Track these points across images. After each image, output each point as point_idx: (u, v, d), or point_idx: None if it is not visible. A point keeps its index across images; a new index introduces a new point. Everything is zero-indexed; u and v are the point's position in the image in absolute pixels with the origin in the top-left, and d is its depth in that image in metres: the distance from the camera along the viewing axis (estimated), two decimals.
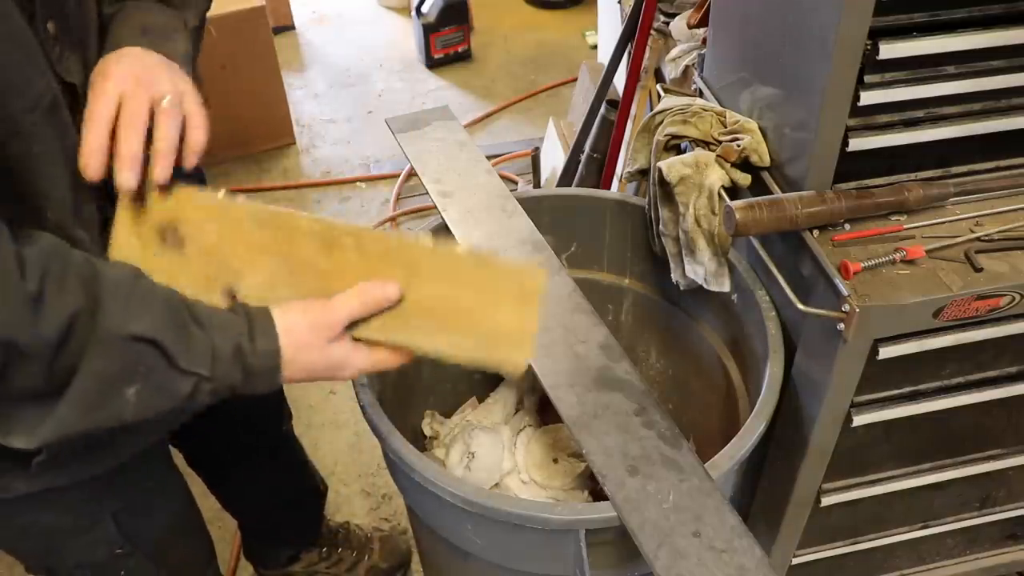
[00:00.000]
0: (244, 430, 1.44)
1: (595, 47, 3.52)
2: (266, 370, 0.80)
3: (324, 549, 1.82)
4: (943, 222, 1.16)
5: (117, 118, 0.79)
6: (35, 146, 0.74)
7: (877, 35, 1.02)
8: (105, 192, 0.82)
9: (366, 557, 1.84)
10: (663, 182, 1.26)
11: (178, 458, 1.33)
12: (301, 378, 0.84)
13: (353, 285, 0.86)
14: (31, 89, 0.73)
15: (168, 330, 0.72)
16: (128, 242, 0.82)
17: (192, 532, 1.28)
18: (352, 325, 0.86)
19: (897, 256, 1.09)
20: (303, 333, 0.81)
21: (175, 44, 0.91)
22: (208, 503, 1.51)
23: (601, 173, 2.33)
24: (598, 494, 1.44)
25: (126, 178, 0.79)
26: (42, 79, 0.75)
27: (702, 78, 1.43)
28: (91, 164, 0.79)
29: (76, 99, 0.80)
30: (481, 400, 1.71)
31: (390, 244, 0.89)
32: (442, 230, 1.42)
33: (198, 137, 0.85)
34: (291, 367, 0.81)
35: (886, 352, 1.13)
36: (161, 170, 0.81)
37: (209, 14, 1.04)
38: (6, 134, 0.71)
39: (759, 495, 1.47)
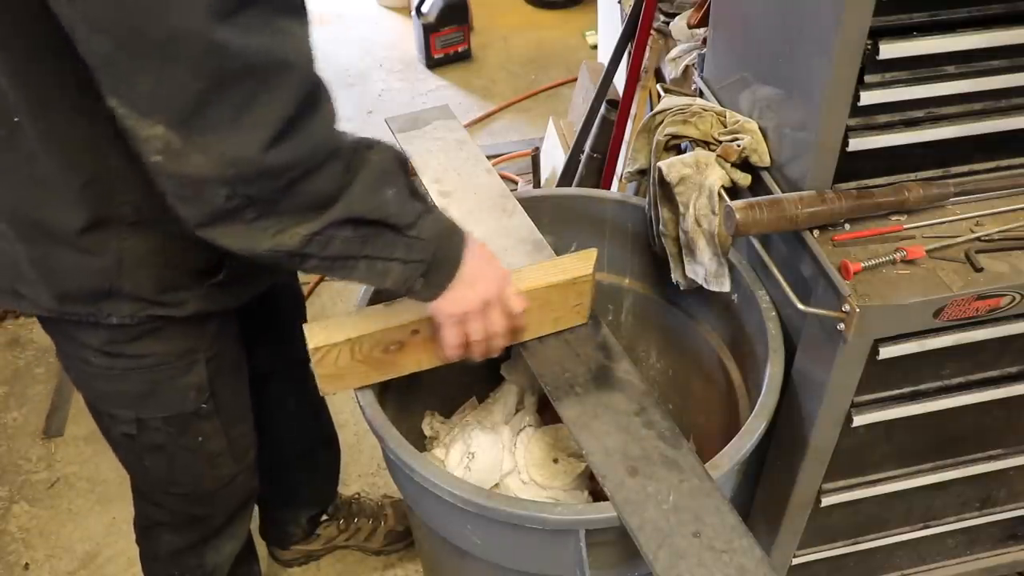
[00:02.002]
0: (271, 347, 1.48)
1: (595, 47, 3.52)
2: (456, 245, 1.02)
3: (341, 521, 1.86)
4: (943, 222, 1.16)
5: None
6: None
7: (877, 35, 1.02)
8: None
9: (382, 523, 1.89)
10: (663, 182, 1.26)
11: None
12: (460, 297, 1.04)
13: None
14: None
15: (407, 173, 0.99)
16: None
17: (250, 420, 1.37)
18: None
19: (897, 256, 1.09)
20: (480, 252, 1.05)
21: None
22: None
23: (601, 173, 2.33)
24: (598, 494, 1.44)
25: None
26: None
27: (702, 78, 1.43)
28: None
29: None
30: (481, 400, 1.71)
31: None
32: None
33: None
34: (463, 275, 1.02)
35: (886, 352, 1.13)
36: None
37: None
38: None
39: (759, 495, 1.47)
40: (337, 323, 1.15)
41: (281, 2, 0.82)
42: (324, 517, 1.85)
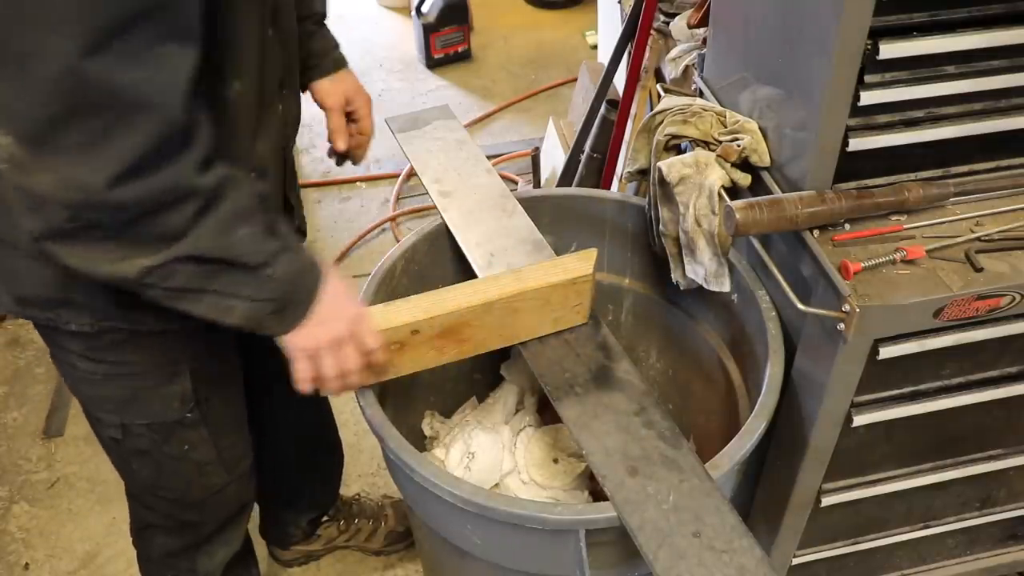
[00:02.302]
0: (274, 350, 1.45)
1: (595, 47, 3.52)
2: (312, 282, 1.00)
3: (342, 522, 1.86)
4: (943, 222, 1.16)
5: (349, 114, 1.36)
6: (239, 16, 0.96)
7: (877, 35, 1.02)
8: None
9: (382, 524, 1.88)
10: (663, 182, 1.26)
11: None
12: (311, 333, 1.02)
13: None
14: None
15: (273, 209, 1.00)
16: None
17: (244, 431, 1.36)
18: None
19: (897, 256, 1.09)
20: (336, 291, 1.03)
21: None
22: None
23: (601, 173, 2.33)
24: (598, 494, 1.44)
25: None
26: None
27: (702, 78, 1.43)
28: (339, 141, 1.36)
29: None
30: (481, 400, 1.71)
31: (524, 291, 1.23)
32: (442, 231, 1.42)
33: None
34: (317, 313, 1.01)
35: (886, 352, 1.13)
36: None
37: None
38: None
39: (759, 495, 1.47)
40: None
41: (168, 27, 0.79)
42: (325, 518, 1.85)
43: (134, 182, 0.82)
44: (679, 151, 1.31)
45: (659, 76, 2.09)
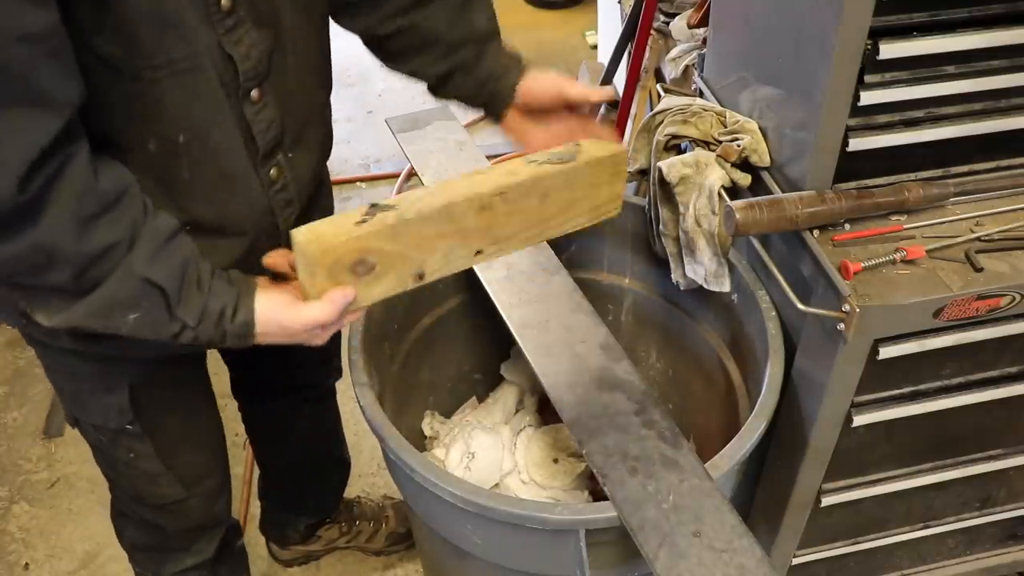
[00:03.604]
0: (293, 368, 1.46)
1: (595, 47, 3.52)
2: (239, 336, 0.95)
3: (343, 524, 1.85)
4: (943, 222, 1.16)
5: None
6: (162, 94, 0.88)
7: (877, 35, 1.02)
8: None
9: (383, 525, 1.88)
10: (663, 182, 1.26)
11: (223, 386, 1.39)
12: (269, 338, 0.97)
13: (505, 227, 1.03)
14: (159, 55, 0.85)
15: (175, 283, 0.89)
16: (325, 288, 0.92)
17: (210, 453, 1.33)
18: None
19: (897, 256, 1.09)
20: (271, 325, 0.95)
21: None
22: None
23: None
24: (598, 494, 1.44)
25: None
26: (185, 48, 0.87)
27: (702, 78, 1.43)
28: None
29: (235, 67, 0.93)
30: (481, 400, 1.71)
31: (525, 184, 1.05)
32: None
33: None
34: (260, 337, 0.97)
35: (886, 352, 1.13)
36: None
37: None
38: (130, 77, 0.86)
39: (759, 495, 1.47)
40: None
41: (12, 91, 0.73)
42: (327, 521, 1.85)
43: None
44: (679, 151, 1.31)
45: (659, 76, 2.09)
